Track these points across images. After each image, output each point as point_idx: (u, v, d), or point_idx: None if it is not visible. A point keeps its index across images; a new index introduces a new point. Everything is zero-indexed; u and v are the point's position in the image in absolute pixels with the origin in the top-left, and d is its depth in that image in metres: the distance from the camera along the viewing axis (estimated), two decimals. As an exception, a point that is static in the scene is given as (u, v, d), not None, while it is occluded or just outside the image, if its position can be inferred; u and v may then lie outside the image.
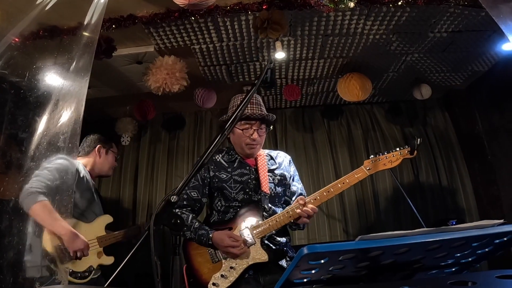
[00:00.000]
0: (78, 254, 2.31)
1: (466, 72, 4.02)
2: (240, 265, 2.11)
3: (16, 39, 2.00)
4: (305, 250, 0.88)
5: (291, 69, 3.85)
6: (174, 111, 4.88)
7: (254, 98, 2.33)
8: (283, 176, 2.39)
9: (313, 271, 0.97)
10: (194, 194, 2.31)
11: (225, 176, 2.31)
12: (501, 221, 1.06)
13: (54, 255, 2.24)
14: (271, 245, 2.22)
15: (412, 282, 1.11)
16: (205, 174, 2.33)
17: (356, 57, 3.61)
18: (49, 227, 2.20)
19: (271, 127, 2.46)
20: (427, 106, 4.77)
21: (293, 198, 2.39)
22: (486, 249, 1.11)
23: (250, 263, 2.11)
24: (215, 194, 2.35)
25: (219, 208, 2.32)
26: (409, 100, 4.71)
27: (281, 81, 4.12)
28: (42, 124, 1.71)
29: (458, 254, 1.08)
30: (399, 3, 2.58)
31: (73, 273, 2.38)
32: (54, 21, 2.67)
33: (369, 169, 2.25)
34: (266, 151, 2.49)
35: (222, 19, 2.88)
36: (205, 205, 2.39)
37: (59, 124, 1.68)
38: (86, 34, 1.82)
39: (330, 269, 0.99)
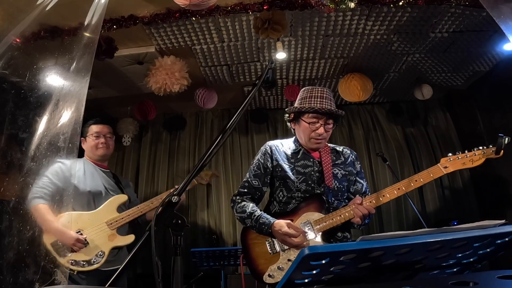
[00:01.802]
0: (73, 248, 2.46)
1: (467, 72, 4.02)
2: None
3: (17, 40, 2.00)
4: (306, 251, 0.88)
5: (292, 70, 3.85)
6: (175, 112, 4.89)
7: (325, 93, 2.24)
8: (347, 171, 2.32)
9: (314, 272, 0.97)
10: (255, 182, 2.27)
11: (287, 166, 2.26)
12: (503, 221, 1.05)
13: (53, 253, 2.37)
14: (332, 241, 2.16)
15: (413, 282, 1.10)
16: (267, 163, 2.29)
17: (357, 57, 3.60)
18: (42, 227, 2.35)
19: (338, 123, 2.36)
20: (428, 106, 4.77)
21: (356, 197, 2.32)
22: (488, 250, 1.10)
23: None
24: (277, 184, 2.29)
25: (280, 198, 2.26)
26: (410, 100, 4.71)
27: (282, 82, 4.12)
28: (42, 124, 1.71)
29: (460, 255, 1.07)
30: (400, 3, 2.58)
31: (78, 263, 2.47)
32: (55, 22, 2.68)
33: (446, 167, 2.12)
34: (332, 145, 2.42)
35: (223, 19, 2.88)
36: (265, 194, 2.35)
37: (60, 124, 1.68)
38: (86, 34, 1.82)
39: (332, 269, 0.98)
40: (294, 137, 2.41)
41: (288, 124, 2.39)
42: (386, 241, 0.91)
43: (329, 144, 2.40)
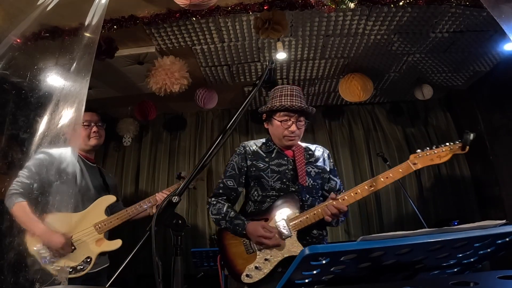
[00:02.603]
0: (60, 252, 2.25)
1: (467, 72, 4.02)
2: (275, 257, 2.05)
3: (18, 40, 2.00)
4: (306, 251, 0.88)
5: (292, 70, 3.85)
6: (175, 112, 4.90)
7: (295, 90, 2.28)
8: (321, 169, 2.34)
9: (314, 272, 0.97)
10: (230, 183, 2.28)
11: (262, 165, 2.27)
12: (503, 221, 1.05)
13: (37, 258, 2.15)
14: (308, 238, 2.16)
15: (414, 282, 1.10)
16: (242, 163, 2.31)
17: (357, 57, 3.60)
18: (27, 228, 2.15)
19: (310, 120, 2.39)
20: (429, 106, 4.77)
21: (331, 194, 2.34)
22: (488, 250, 1.10)
23: (285, 255, 2.05)
24: (252, 184, 2.30)
25: (255, 198, 2.27)
26: (410, 100, 4.71)
27: (282, 82, 4.12)
28: (43, 125, 1.71)
29: (460, 255, 1.07)
30: (400, 3, 2.58)
31: (63, 270, 2.27)
32: (55, 22, 2.68)
33: (415, 163, 2.13)
34: (304, 144, 2.44)
35: (223, 19, 2.88)
36: (240, 194, 2.35)
37: (60, 124, 1.68)
38: (87, 34, 1.82)
39: (332, 269, 0.98)
40: (268, 137, 2.43)
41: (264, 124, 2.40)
42: (387, 241, 0.91)
43: (301, 144, 2.41)
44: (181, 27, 2.97)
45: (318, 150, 2.45)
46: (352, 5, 2.46)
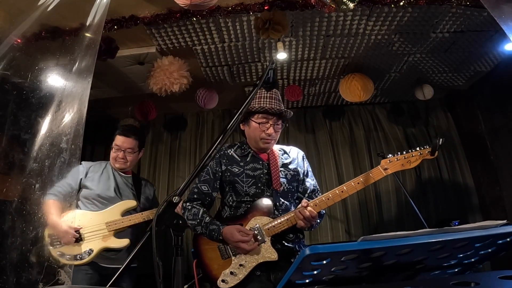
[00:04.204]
0: (63, 240, 2.56)
1: (468, 72, 4.01)
2: (250, 262, 2.06)
3: (19, 40, 2.00)
4: (307, 251, 0.88)
5: (293, 70, 3.85)
6: (175, 112, 4.89)
7: (274, 93, 2.28)
8: (296, 172, 2.34)
9: (315, 272, 0.97)
10: (204, 188, 2.26)
11: (237, 170, 2.26)
12: (504, 221, 1.05)
13: (47, 242, 2.44)
14: (284, 242, 2.17)
15: (414, 282, 1.10)
16: (217, 168, 2.29)
17: (358, 57, 3.60)
18: (46, 218, 2.46)
19: (287, 124, 2.41)
20: (429, 106, 4.76)
21: (306, 195, 2.35)
22: (489, 250, 1.10)
23: (260, 261, 2.06)
24: (227, 189, 2.29)
25: (230, 203, 2.27)
26: (411, 100, 4.70)
27: (282, 82, 4.12)
28: (44, 125, 1.71)
29: (461, 255, 1.07)
30: (401, 3, 2.58)
31: (63, 255, 2.56)
32: (56, 22, 2.68)
33: (386, 169, 2.17)
34: (279, 146, 2.45)
35: (224, 19, 2.89)
36: (215, 199, 2.35)
37: (62, 125, 1.68)
38: (88, 35, 1.82)
39: (332, 269, 0.98)
40: (242, 140, 2.43)
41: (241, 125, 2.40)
42: (387, 241, 0.91)
43: (276, 146, 2.42)
44: (181, 27, 2.97)
45: (293, 152, 2.46)
46: (352, 5, 2.46)
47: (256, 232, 2.09)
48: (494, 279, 0.99)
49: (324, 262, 0.92)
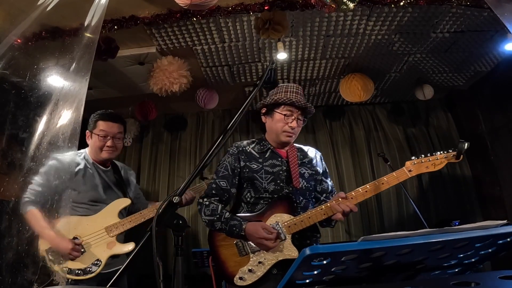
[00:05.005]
0: (69, 257, 2.31)
1: (468, 72, 4.01)
2: (269, 260, 2.03)
3: (18, 40, 2.00)
4: (307, 251, 0.88)
5: (293, 70, 3.85)
6: (176, 112, 4.89)
7: (299, 89, 2.29)
8: (314, 171, 2.33)
9: (315, 272, 0.97)
10: (223, 183, 2.23)
11: (256, 166, 2.25)
12: (504, 221, 1.05)
13: (47, 260, 2.25)
14: (302, 240, 2.14)
15: (414, 282, 1.10)
16: (236, 164, 2.27)
17: (358, 57, 3.60)
18: (39, 234, 2.23)
19: (306, 121, 2.40)
20: (430, 106, 4.76)
21: (323, 195, 2.34)
22: (489, 250, 1.10)
23: (279, 258, 2.03)
24: (245, 185, 2.26)
25: (248, 199, 2.23)
26: (411, 100, 4.70)
27: (283, 82, 4.11)
28: (42, 124, 1.71)
29: (461, 255, 1.07)
30: (401, 3, 2.57)
31: (72, 271, 2.33)
32: (56, 22, 2.68)
33: (410, 171, 2.15)
34: (297, 145, 2.44)
35: (224, 19, 2.88)
36: (233, 195, 2.30)
37: (59, 124, 1.68)
38: (87, 34, 1.82)
39: (333, 270, 0.98)
40: (261, 137, 2.43)
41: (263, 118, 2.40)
42: (388, 241, 0.91)
43: (295, 144, 2.41)
44: (181, 27, 2.97)
45: (311, 152, 2.45)
46: (352, 5, 2.46)
47: (277, 228, 2.06)
48: (494, 279, 0.99)
49: (324, 262, 0.92)
